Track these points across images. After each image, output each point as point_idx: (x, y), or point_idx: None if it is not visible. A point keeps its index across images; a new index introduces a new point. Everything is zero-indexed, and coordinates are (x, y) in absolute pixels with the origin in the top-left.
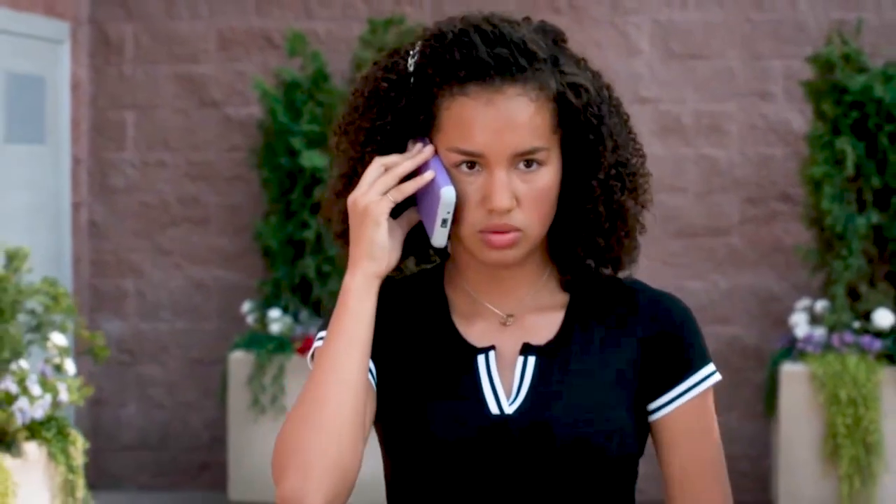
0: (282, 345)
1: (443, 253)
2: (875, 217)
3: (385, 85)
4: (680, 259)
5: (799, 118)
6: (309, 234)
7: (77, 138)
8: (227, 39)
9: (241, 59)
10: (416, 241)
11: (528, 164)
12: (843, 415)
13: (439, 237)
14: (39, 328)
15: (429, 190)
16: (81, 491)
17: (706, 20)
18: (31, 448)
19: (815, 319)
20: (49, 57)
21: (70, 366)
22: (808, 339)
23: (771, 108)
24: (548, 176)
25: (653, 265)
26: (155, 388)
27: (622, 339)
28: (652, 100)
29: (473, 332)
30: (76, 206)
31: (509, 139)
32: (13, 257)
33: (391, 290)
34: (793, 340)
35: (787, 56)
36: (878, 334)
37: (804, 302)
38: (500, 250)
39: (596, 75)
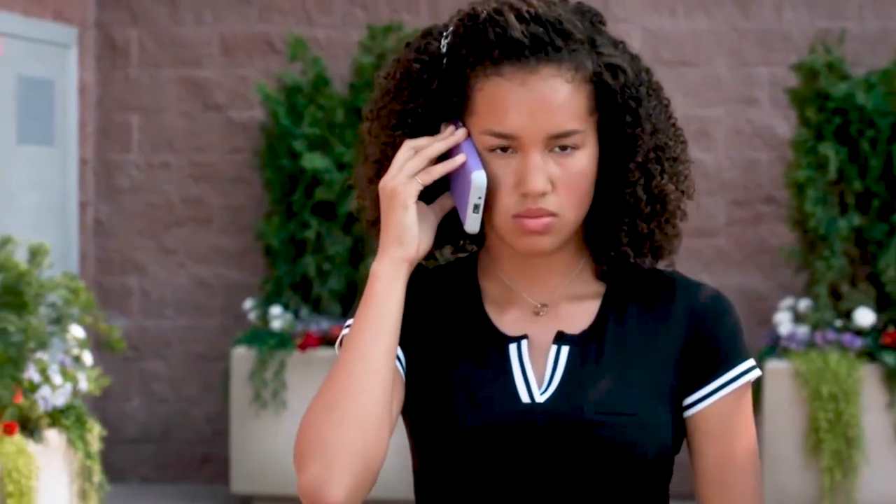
0: (283, 341)
1: (478, 241)
2: (856, 219)
3: (417, 66)
4: (668, 259)
5: (784, 124)
6: (310, 234)
7: (84, 140)
8: (230, 44)
9: (244, 64)
10: (451, 228)
11: (564, 147)
12: (824, 410)
13: (472, 223)
14: (59, 321)
15: (461, 175)
16: (98, 476)
17: (694, 28)
18: (52, 434)
19: (798, 318)
20: (57, 61)
21: (87, 357)
22: (791, 337)
23: (757, 113)
24: (584, 160)
25: None
26: (159, 383)
27: (659, 331)
28: None
29: (506, 321)
30: (83, 206)
31: (544, 121)
32: (35, 253)
33: (424, 280)
34: (777, 338)
35: (773, 64)
36: (859, 332)
37: (788, 301)
38: (534, 236)
39: (634, 58)
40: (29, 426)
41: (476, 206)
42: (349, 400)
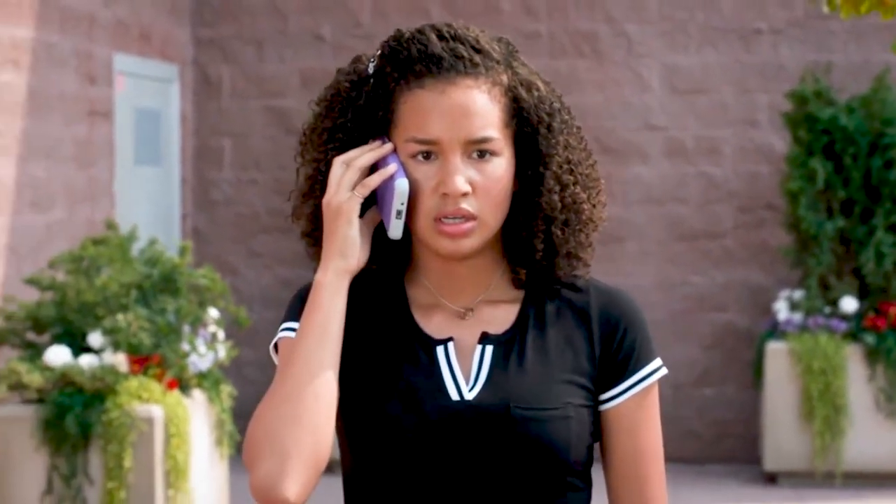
0: None
1: (403, 256)
2: (841, 222)
3: (346, 86)
4: (683, 258)
5: (780, 142)
6: None
7: (184, 161)
8: (307, 78)
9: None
10: (378, 240)
11: (482, 154)
12: (816, 382)
13: (395, 229)
14: (202, 304)
15: (387, 185)
16: (229, 426)
17: (704, 62)
18: (197, 393)
19: (793, 306)
20: (163, 94)
21: (220, 333)
22: (788, 322)
23: (758, 133)
24: (501, 167)
25: (661, 264)
26: (249, 368)
27: (577, 331)
28: (660, 127)
29: (432, 325)
30: (184, 217)
31: (463, 126)
32: (184, 251)
33: (352, 286)
34: (775, 323)
35: (771, 91)
36: (844, 317)
37: (785, 292)
38: (454, 239)
39: (548, 83)
40: (181, 385)
41: (399, 212)
42: (300, 402)
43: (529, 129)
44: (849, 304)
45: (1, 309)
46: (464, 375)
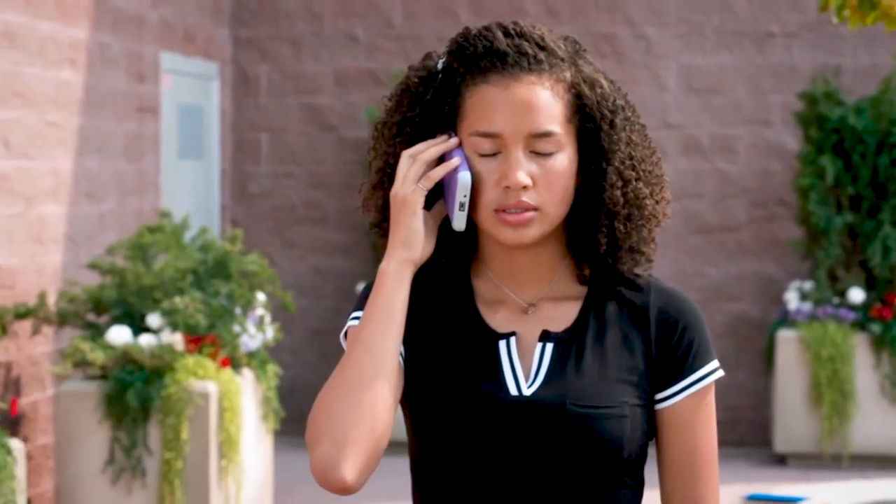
0: None
1: (470, 249)
2: (850, 217)
3: (415, 81)
4: (699, 251)
5: (792, 141)
6: None
7: (224, 155)
8: (341, 77)
9: (353, 93)
10: (444, 233)
11: (544, 151)
12: (824, 369)
13: (458, 221)
14: (252, 288)
15: (451, 178)
16: (274, 403)
17: (720, 63)
18: (246, 371)
19: (803, 296)
20: (204, 91)
21: (267, 317)
22: (798, 312)
23: (771, 132)
24: (563, 162)
25: (678, 256)
26: (283, 352)
27: (634, 331)
28: (677, 126)
29: (496, 319)
30: (223, 208)
31: (525, 120)
32: (234, 239)
33: (421, 278)
34: (786, 312)
35: (783, 92)
36: (852, 307)
37: (795, 283)
38: (516, 228)
39: (612, 82)
40: (233, 363)
41: (462, 204)
42: (360, 387)
43: (592, 125)
44: (856, 294)
45: (64, 292)
46: (524, 372)
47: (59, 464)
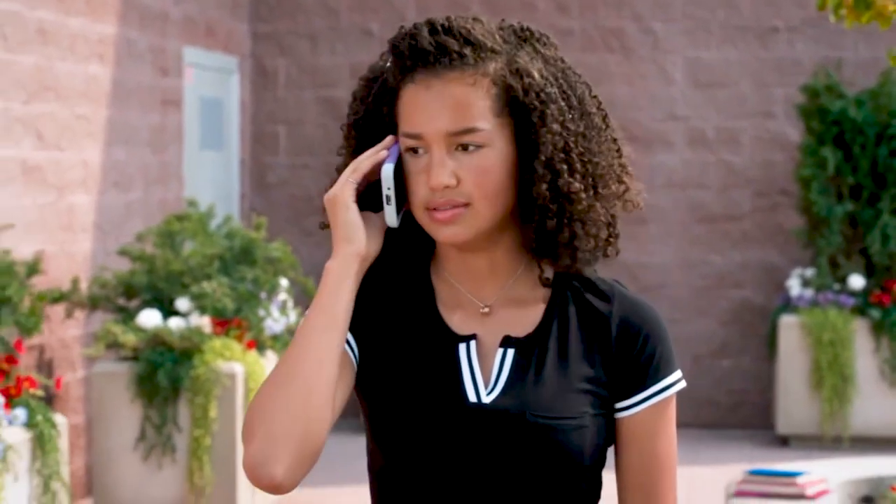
0: None
1: (428, 248)
2: (850, 206)
3: (363, 84)
4: (704, 239)
5: (794, 132)
6: None
7: (243, 146)
8: (357, 70)
9: None
10: (404, 234)
11: (467, 146)
12: (825, 354)
13: (388, 216)
14: (275, 274)
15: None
16: None
17: (725, 57)
18: (270, 353)
19: (805, 283)
20: (224, 84)
21: (290, 301)
22: (800, 298)
23: (774, 124)
24: (491, 157)
25: (683, 244)
26: None
27: (596, 339)
28: (683, 118)
29: (455, 321)
30: (242, 197)
31: (444, 118)
32: (258, 227)
33: (380, 274)
34: (788, 298)
35: (786, 85)
36: (852, 294)
37: (797, 270)
38: (446, 225)
39: (565, 70)
40: (258, 346)
41: (387, 198)
42: (295, 385)
43: (522, 118)
44: (856, 281)
45: (96, 277)
46: (483, 378)
47: (93, 441)
